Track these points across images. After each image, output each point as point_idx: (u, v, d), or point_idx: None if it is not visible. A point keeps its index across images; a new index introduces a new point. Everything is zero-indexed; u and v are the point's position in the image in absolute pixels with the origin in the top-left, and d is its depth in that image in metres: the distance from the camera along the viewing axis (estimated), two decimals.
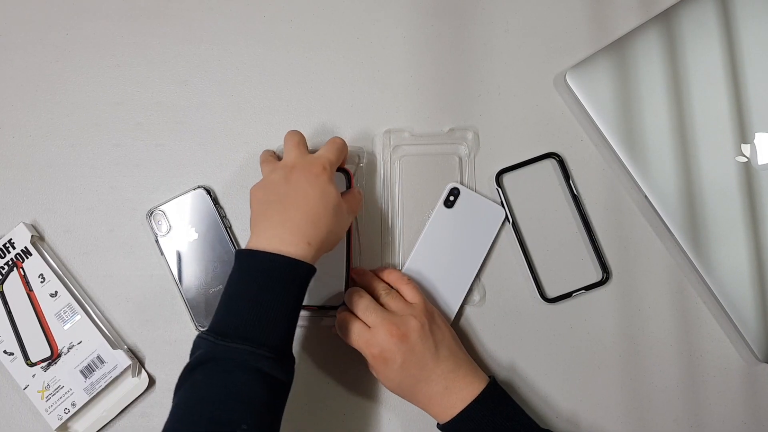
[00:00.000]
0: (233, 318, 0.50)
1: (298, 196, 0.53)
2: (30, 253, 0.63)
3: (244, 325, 0.49)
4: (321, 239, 0.52)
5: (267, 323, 0.49)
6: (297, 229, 0.52)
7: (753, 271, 0.60)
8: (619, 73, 0.62)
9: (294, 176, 0.54)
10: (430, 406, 0.56)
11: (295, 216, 0.52)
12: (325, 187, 0.54)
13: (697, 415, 0.62)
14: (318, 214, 0.53)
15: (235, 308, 0.50)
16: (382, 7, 0.68)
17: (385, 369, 0.54)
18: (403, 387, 0.55)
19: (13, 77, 0.68)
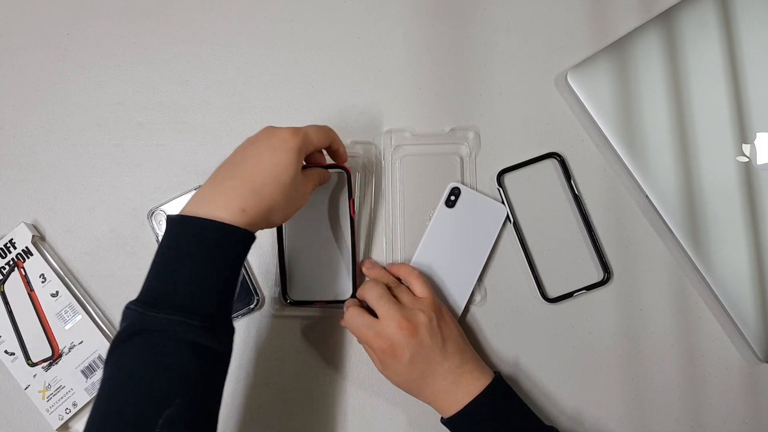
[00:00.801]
0: (162, 286, 0.46)
1: (252, 161, 0.50)
2: (31, 253, 0.63)
3: (174, 294, 0.46)
4: (260, 209, 0.49)
5: (198, 291, 0.46)
6: (234, 194, 0.48)
7: (754, 270, 0.60)
8: (620, 73, 0.62)
9: (260, 138, 0.52)
10: (437, 401, 0.55)
11: (237, 182, 0.49)
12: (283, 157, 0.50)
13: (698, 414, 0.62)
14: (263, 183, 0.49)
15: (164, 276, 0.47)
16: (383, 7, 0.68)
17: (393, 363, 0.54)
18: (409, 382, 0.55)
19: (14, 77, 0.68)
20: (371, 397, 0.63)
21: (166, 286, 0.46)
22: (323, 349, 0.63)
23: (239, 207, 0.48)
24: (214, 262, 0.47)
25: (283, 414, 0.62)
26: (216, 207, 0.48)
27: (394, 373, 0.55)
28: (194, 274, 0.46)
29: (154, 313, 0.45)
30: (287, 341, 0.63)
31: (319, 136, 0.54)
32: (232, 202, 0.48)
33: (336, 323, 0.63)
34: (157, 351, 0.44)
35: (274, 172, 0.50)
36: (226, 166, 0.51)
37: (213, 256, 0.47)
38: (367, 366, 0.63)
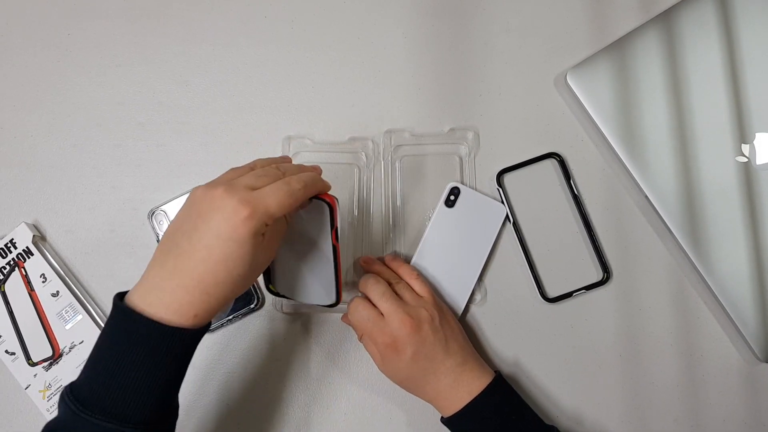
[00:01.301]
0: (99, 386, 0.44)
1: (199, 255, 0.43)
2: (31, 253, 0.63)
3: (109, 398, 0.43)
4: (212, 309, 0.45)
5: (136, 398, 0.43)
6: (185, 298, 0.44)
7: (753, 270, 0.60)
8: (619, 73, 0.63)
9: (207, 221, 0.43)
10: (438, 400, 0.56)
11: (188, 277, 0.43)
12: (234, 249, 0.43)
13: (698, 414, 0.62)
14: (215, 282, 0.44)
15: (101, 374, 0.44)
16: (383, 7, 0.68)
17: (394, 359, 0.54)
18: (410, 379, 0.55)
19: (14, 77, 0.68)
20: (371, 397, 0.63)
21: (103, 387, 0.44)
22: (323, 349, 0.63)
23: (191, 312, 0.44)
24: (159, 367, 0.44)
25: (282, 414, 0.62)
26: (165, 307, 0.44)
27: (395, 370, 0.55)
28: (135, 381, 0.43)
29: (86, 416, 0.43)
30: (287, 341, 0.63)
31: (282, 204, 0.44)
32: (183, 307, 0.44)
33: (336, 323, 0.63)
34: None
35: (226, 267, 0.44)
36: (173, 255, 0.44)
37: (157, 362, 0.44)
38: (366, 366, 0.63)
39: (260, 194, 0.44)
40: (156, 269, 0.45)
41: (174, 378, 0.46)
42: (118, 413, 0.43)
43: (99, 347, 0.46)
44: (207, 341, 0.63)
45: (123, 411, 0.43)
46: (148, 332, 0.43)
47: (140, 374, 0.43)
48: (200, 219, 0.44)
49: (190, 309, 0.44)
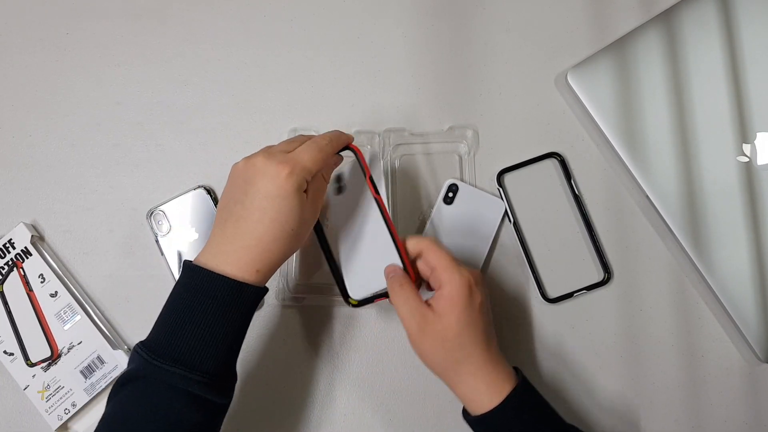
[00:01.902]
0: (170, 336, 0.48)
1: (254, 216, 0.48)
2: (30, 253, 0.62)
3: (179, 347, 0.47)
4: (274, 263, 0.50)
5: (203, 349, 0.47)
6: (247, 253, 0.48)
7: (754, 271, 0.60)
8: (620, 72, 0.62)
9: (254, 185, 0.48)
10: (471, 393, 0.52)
11: (248, 238, 0.48)
12: (283, 205, 0.48)
13: (699, 415, 0.62)
14: (272, 239, 0.48)
15: (172, 326, 0.48)
16: (383, 6, 0.68)
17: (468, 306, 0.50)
18: (446, 361, 0.52)
19: (13, 77, 0.68)
20: (371, 398, 0.62)
21: (174, 337, 0.47)
22: (323, 348, 0.63)
23: (254, 268, 0.49)
24: (225, 319, 0.48)
25: (281, 413, 0.62)
26: (230, 265, 0.48)
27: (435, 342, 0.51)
28: (203, 331, 0.47)
29: (158, 363, 0.46)
30: (287, 341, 0.63)
31: (315, 159, 0.50)
32: (246, 263, 0.48)
33: (336, 322, 0.63)
34: (155, 397, 0.46)
35: (280, 223, 0.48)
36: (231, 221, 0.49)
37: (224, 313, 0.48)
38: (368, 366, 0.63)
39: (295, 154, 0.50)
40: (217, 237, 0.50)
41: (236, 334, 0.49)
42: (186, 361, 0.46)
43: (169, 305, 0.49)
44: None
45: (191, 359, 0.46)
46: (216, 285, 0.48)
47: (209, 325, 0.47)
48: (248, 185, 0.49)
49: (253, 265, 0.48)
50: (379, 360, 0.63)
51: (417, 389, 0.62)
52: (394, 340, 0.63)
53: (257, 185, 0.48)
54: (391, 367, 0.63)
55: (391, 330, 0.63)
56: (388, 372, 0.63)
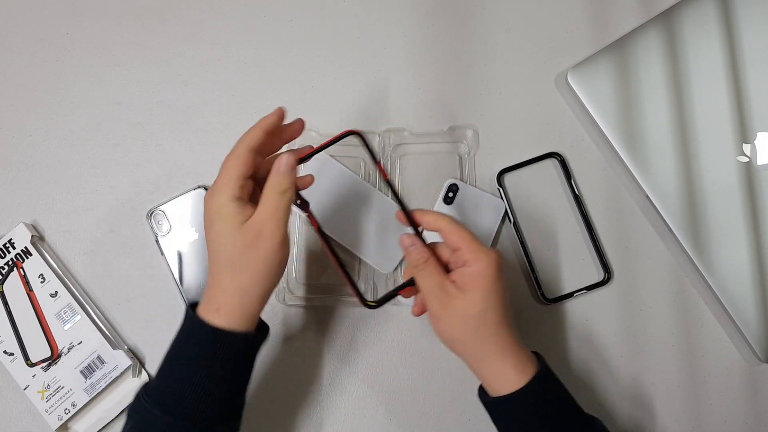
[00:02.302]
0: (161, 380, 0.48)
1: (208, 247, 0.48)
2: (30, 253, 0.62)
3: (168, 393, 0.47)
4: (228, 299, 0.47)
5: (188, 394, 0.46)
6: (208, 293, 0.48)
7: (754, 271, 0.60)
8: (620, 72, 0.62)
9: (205, 220, 0.48)
10: (495, 364, 0.50)
11: (210, 277, 0.48)
12: (212, 227, 0.46)
13: (699, 415, 0.62)
14: (217, 269, 0.47)
15: (166, 370, 0.49)
16: (383, 7, 0.68)
17: (494, 284, 0.48)
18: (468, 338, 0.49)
19: (13, 77, 0.68)
20: (373, 398, 0.62)
21: (165, 381, 0.48)
22: (323, 348, 0.63)
23: (213, 308, 0.47)
24: (206, 365, 0.47)
25: (280, 412, 0.62)
26: (203, 309, 0.47)
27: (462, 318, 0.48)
28: (186, 376, 0.47)
29: (149, 407, 0.47)
30: (286, 341, 0.63)
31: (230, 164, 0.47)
32: (208, 301, 0.47)
33: (336, 321, 0.63)
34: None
35: (216, 250, 0.47)
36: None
37: (205, 359, 0.47)
38: (368, 365, 0.63)
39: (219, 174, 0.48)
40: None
41: (225, 379, 0.47)
42: (173, 407, 0.46)
43: (171, 344, 0.49)
44: None
45: (177, 405, 0.46)
46: (195, 331, 0.47)
47: (190, 371, 0.46)
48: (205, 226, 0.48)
49: (212, 302, 0.47)
50: (380, 360, 0.63)
51: (417, 389, 0.62)
52: (395, 340, 0.63)
53: (204, 211, 0.47)
54: (392, 366, 0.63)
55: (391, 330, 0.63)
56: (388, 372, 0.62)
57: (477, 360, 0.50)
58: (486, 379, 0.51)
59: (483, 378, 0.51)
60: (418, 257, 0.50)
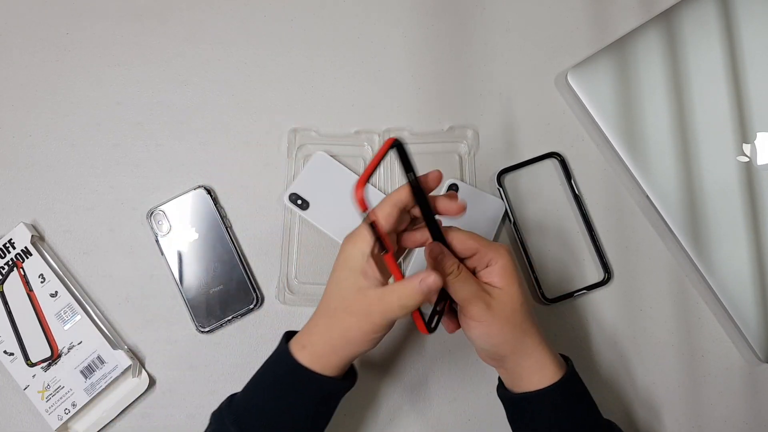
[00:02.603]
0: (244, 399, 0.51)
1: (329, 279, 0.49)
2: (30, 253, 0.62)
3: (247, 415, 0.49)
4: (317, 342, 0.49)
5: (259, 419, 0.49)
6: (307, 324, 0.50)
7: (754, 270, 0.60)
8: (620, 72, 0.62)
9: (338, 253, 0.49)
10: (522, 373, 0.50)
11: (319, 305, 0.50)
12: (338, 269, 0.48)
13: (699, 415, 0.62)
14: (322, 309, 0.49)
15: (250, 390, 0.51)
16: (383, 6, 0.68)
17: (519, 274, 0.49)
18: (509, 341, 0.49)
19: (13, 77, 0.68)
20: (372, 397, 0.62)
21: (245, 398, 0.50)
22: None
23: (302, 342, 0.49)
24: (281, 395, 0.49)
25: None
26: (295, 340, 0.50)
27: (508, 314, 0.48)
28: (262, 401, 0.49)
29: (228, 421, 0.49)
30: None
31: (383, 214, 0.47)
32: (300, 336, 0.50)
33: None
34: None
35: (329, 291, 0.49)
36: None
37: (281, 389, 0.49)
38: (368, 365, 0.63)
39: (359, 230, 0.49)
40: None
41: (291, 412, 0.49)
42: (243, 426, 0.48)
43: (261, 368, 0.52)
44: (206, 342, 0.63)
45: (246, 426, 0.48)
46: (279, 355, 0.51)
47: (266, 395, 0.49)
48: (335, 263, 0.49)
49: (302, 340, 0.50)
50: (379, 359, 0.63)
51: (417, 388, 0.62)
52: (393, 339, 0.63)
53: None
54: (392, 366, 0.63)
55: (394, 329, 0.63)
56: (389, 371, 0.62)
57: (521, 355, 0.49)
58: (526, 373, 0.50)
59: (522, 373, 0.50)
60: (452, 265, 0.48)
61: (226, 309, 0.63)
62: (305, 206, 0.63)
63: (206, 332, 0.63)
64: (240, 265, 0.63)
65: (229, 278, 0.63)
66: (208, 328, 0.62)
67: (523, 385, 0.50)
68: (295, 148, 0.65)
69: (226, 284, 0.63)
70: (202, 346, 0.63)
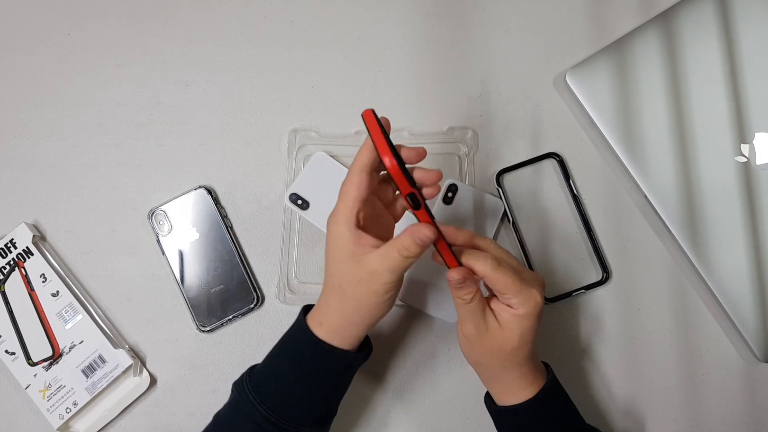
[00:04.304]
0: (262, 373, 0.52)
1: (325, 262, 0.50)
2: (31, 253, 0.63)
3: (264, 385, 0.51)
4: (334, 318, 0.50)
5: (277, 390, 0.51)
6: (319, 303, 0.51)
7: (752, 270, 0.60)
8: (618, 73, 0.63)
9: (326, 235, 0.50)
10: (506, 388, 0.52)
11: (324, 285, 0.51)
12: (331, 250, 0.49)
13: (697, 414, 0.62)
14: (330, 289, 0.50)
15: (267, 363, 0.53)
16: (383, 7, 0.68)
17: (534, 325, 0.49)
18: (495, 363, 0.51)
19: (15, 77, 0.68)
20: (372, 397, 0.63)
21: (266, 368, 0.52)
22: None
23: (318, 320, 0.51)
24: (300, 368, 0.51)
25: None
26: (311, 317, 0.51)
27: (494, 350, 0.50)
28: (281, 372, 0.51)
29: (248, 389, 0.51)
30: None
31: (348, 186, 0.48)
32: (314, 313, 0.51)
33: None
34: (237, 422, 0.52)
35: (331, 273, 0.49)
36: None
37: (300, 363, 0.51)
38: (365, 370, 0.63)
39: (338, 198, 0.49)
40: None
41: (311, 384, 0.51)
42: (266, 398, 0.50)
43: (280, 341, 0.54)
44: (206, 341, 0.63)
45: (268, 397, 0.50)
46: (297, 330, 0.52)
47: (286, 367, 0.51)
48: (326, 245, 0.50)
49: (316, 315, 0.51)
50: (380, 358, 0.63)
51: (416, 388, 0.62)
52: (392, 338, 0.63)
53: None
54: (393, 365, 0.63)
55: (388, 328, 0.63)
56: (389, 370, 0.63)
57: (494, 380, 0.53)
58: (496, 393, 0.53)
59: (493, 392, 0.53)
60: (466, 295, 0.49)
61: (226, 308, 0.63)
62: (305, 206, 0.64)
63: (207, 331, 0.63)
64: (240, 265, 0.63)
65: (230, 278, 0.63)
66: (209, 327, 0.63)
67: (498, 400, 0.53)
68: (296, 148, 0.65)
69: (227, 284, 0.63)
70: (203, 345, 0.63)
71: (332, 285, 0.49)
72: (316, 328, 0.50)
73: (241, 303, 0.63)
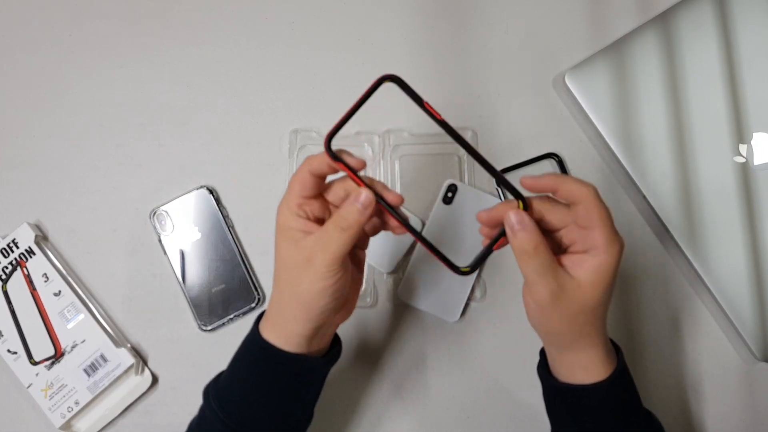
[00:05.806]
0: (224, 381, 0.49)
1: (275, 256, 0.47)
2: (33, 252, 0.63)
3: (225, 391, 0.48)
4: (275, 312, 0.47)
5: (233, 397, 0.48)
6: (269, 305, 0.48)
7: (751, 270, 0.60)
8: (617, 74, 0.63)
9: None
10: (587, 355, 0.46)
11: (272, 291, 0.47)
12: (277, 239, 0.46)
13: (696, 413, 0.62)
14: (275, 281, 0.46)
15: (229, 370, 0.50)
16: (383, 8, 0.69)
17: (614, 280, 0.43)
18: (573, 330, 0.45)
19: (16, 78, 0.68)
20: (372, 397, 0.63)
21: (228, 381, 0.49)
22: None
23: (267, 319, 0.47)
24: (253, 375, 0.48)
25: None
26: (263, 319, 0.48)
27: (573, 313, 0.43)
28: (236, 379, 0.48)
29: (211, 395, 0.48)
30: None
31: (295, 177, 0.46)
32: (266, 314, 0.48)
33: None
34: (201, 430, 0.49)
35: (275, 263, 0.46)
36: None
37: (253, 369, 0.48)
38: (368, 364, 0.63)
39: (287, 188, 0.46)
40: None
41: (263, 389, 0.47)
42: (227, 408, 0.47)
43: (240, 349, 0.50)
44: (208, 340, 0.63)
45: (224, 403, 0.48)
46: (252, 333, 0.48)
47: (240, 373, 0.48)
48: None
49: (267, 319, 0.47)
50: (377, 357, 0.63)
51: (416, 385, 0.63)
52: (390, 337, 0.63)
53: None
54: (392, 364, 0.63)
55: (387, 327, 0.64)
56: (388, 369, 0.63)
57: (569, 350, 0.46)
58: (565, 366, 0.47)
59: (561, 364, 0.47)
60: (528, 244, 0.42)
61: (228, 307, 0.63)
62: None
63: (208, 331, 0.63)
64: (242, 264, 0.63)
65: (231, 277, 0.63)
66: (211, 326, 0.63)
67: (565, 375, 0.47)
68: (296, 148, 0.65)
69: (228, 283, 0.63)
70: (205, 344, 0.63)
71: (276, 275, 0.46)
72: (267, 329, 0.47)
73: (242, 302, 0.63)
